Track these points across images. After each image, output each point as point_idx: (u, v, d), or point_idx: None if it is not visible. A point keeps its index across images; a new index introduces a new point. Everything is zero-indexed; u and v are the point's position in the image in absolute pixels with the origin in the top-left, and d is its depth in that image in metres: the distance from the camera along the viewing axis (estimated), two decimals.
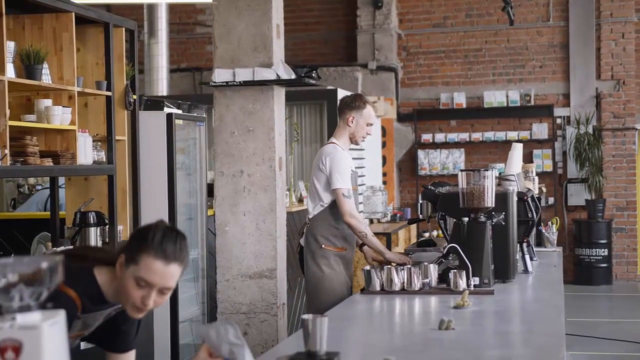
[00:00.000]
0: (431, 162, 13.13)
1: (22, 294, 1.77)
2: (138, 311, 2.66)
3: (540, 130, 12.82)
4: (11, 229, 6.61)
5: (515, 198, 4.76)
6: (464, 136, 13.00)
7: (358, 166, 10.43)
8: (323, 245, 5.29)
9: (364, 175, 10.67)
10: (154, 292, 2.61)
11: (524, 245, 5.14)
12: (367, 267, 4.42)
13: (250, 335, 5.79)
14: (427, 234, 12.37)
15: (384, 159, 12.59)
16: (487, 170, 4.49)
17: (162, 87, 10.83)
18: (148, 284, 2.60)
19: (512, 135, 12.76)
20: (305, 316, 2.76)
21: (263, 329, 5.83)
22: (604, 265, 12.46)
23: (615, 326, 9.67)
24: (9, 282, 1.77)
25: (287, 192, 8.35)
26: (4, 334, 1.74)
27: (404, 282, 4.31)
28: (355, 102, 5.41)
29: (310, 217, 5.41)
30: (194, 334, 6.95)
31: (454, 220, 4.62)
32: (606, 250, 12.44)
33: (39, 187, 8.76)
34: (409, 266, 4.44)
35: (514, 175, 5.27)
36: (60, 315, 1.81)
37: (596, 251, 12.42)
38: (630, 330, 9.31)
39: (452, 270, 4.30)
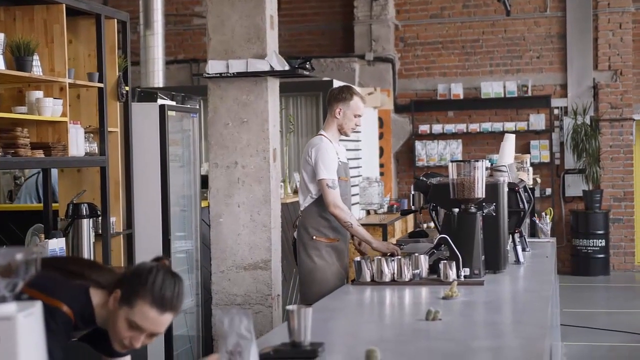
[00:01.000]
0: (428, 153, 13.12)
1: None
2: (123, 347, 2.68)
3: (538, 121, 12.81)
4: (7, 220, 6.61)
5: (506, 189, 4.76)
6: (462, 127, 12.99)
7: (355, 157, 10.46)
8: (314, 237, 5.31)
9: (360, 167, 10.68)
10: (143, 336, 2.64)
11: (516, 236, 5.14)
12: (358, 258, 4.43)
13: None
14: (424, 225, 12.38)
15: (382, 150, 12.59)
16: (478, 161, 4.49)
17: (157, 78, 10.82)
18: (140, 328, 2.62)
19: (510, 126, 12.75)
20: (289, 307, 2.77)
21: (258, 320, 5.83)
22: (601, 256, 12.46)
23: (612, 317, 9.68)
24: None
25: (282, 184, 8.36)
26: None
27: (394, 273, 4.32)
28: (342, 93, 5.41)
29: (301, 209, 5.43)
30: (187, 326, 6.95)
31: (445, 211, 4.62)
32: (603, 241, 12.44)
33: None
34: (399, 257, 4.44)
35: (505, 166, 5.26)
36: (36, 307, 1.82)
37: (593, 242, 12.43)
38: (627, 321, 9.32)
39: (442, 261, 4.31)
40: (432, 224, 11.38)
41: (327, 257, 5.28)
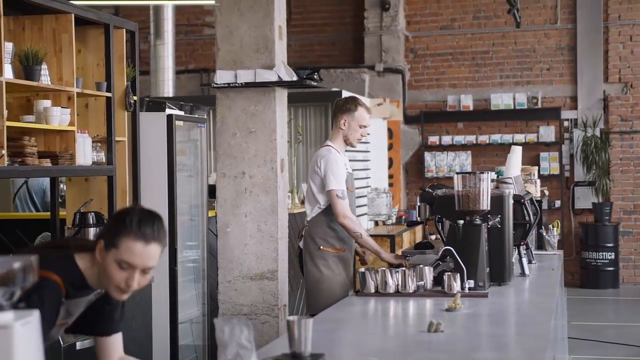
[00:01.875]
0: (438, 164, 13.12)
1: None
2: (122, 293, 2.74)
3: (548, 133, 12.78)
4: (14, 228, 6.64)
5: (511, 201, 4.75)
6: (471, 138, 12.98)
7: (363, 168, 10.46)
8: (321, 247, 5.33)
9: (369, 178, 10.68)
10: (136, 273, 2.70)
11: (522, 248, 5.13)
12: (362, 269, 4.43)
13: None
14: (433, 237, 12.36)
15: (391, 161, 12.59)
16: (483, 173, 4.49)
17: (167, 88, 10.86)
18: (130, 265, 2.69)
19: (519, 137, 12.73)
20: (290, 318, 2.78)
21: (264, 330, 5.83)
22: (611, 268, 12.41)
23: (621, 330, 9.64)
24: None
25: (290, 194, 8.37)
26: None
27: (398, 285, 4.32)
28: (347, 104, 5.45)
29: (308, 219, 5.46)
30: (193, 335, 6.96)
31: (450, 222, 4.62)
32: (613, 253, 12.40)
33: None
34: (404, 268, 4.44)
35: (511, 178, 5.26)
36: (33, 315, 1.82)
37: (603, 254, 12.38)
38: (637, 334, 9.28)
39: (447, 273, 4.30)
40: (434, 236, 11.39)
41: (334, 267, 5.30)
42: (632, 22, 12.69)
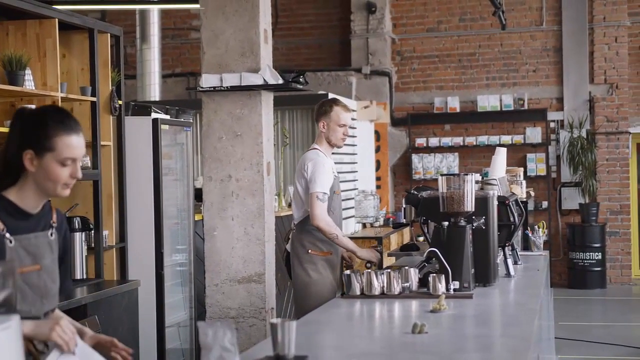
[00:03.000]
0: (425, 166, 13.14)
1: None
2: (67, 187, 2.78)
3: (534, 134, 12.83)
4: None
5: (495, 202, 4.77)
6: (458, 140, 13.01)
7: (351, 170, 10.47)
8: (309, 251, 5.35)
9: (356, 180, 10.69)
10: (77, 164, 2.77)
11: (507, 249, 5.15)
12: (347, 272, 4.44)
13: (239, 340, 5.79)
14: (421, 238, 12.38)
15: (378, 163, 12.61)
16: (467, 174, 4.50)
17: (154, 92, 10.85)
18: (72, 160, 2.75)
19: (506, 139, 12.77)
20: (273, 320, 2.79)
21: (252, 333, 5.83)
22: (598, 269, 12.46)
23: (609, 330, 9.68)
24: None
25: (277, 197, 8.38)
26: None
27: (383, 286, 4.33)
28: (323, 107, 5.53)
29: (296, 222, 5.48)
30: (181, 339, 6.95)
31: (435, 224, 4.63)
32: (600, 254, 12.45)
33: None
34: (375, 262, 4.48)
35: (495, 179, 5.28)
36: (13, 320, 1.83)
37: (590, 255, 12.43)
38: (624, 334, 9.32)
39: (432, 275, 4.31)
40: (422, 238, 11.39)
41: (322, 270, 5.31)
42: (617, 23, 12.75)
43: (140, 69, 11.04)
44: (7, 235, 2.71)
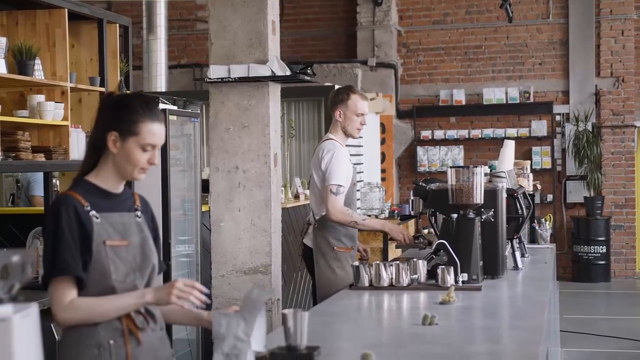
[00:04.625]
0: (430, 158, 13.14)
1: None
2: (143, 172, 2.90)
3: (540, 127, 12.82)
4: (7, 223, 6.63)
5: (504, 195, 4.77)
6: (463, 133, 13.01)
7: (356, 162, 10.47)
8: (335, 247, 5.25)
9: (362, 172, 10.69)
10: (156, 151, 2.89)
11: (514, 241, 5.15)
12: (356, 263, 4.45)
13: None
14: (425, 231, 12.38)
15: (383, 155, 12.61)
16: (476, 167, 4.50)
17: (160, 83, 10.84)
18: (153, 146, 2.86)
19: (511, 132, 12.77)
20: (285, 311, 2.79)
21: None
22: (602, 262, 12.47)
23: (613, 323, 9.68)
24: None
25: (283, 189, 8.38)
26: None
27: (392, 278, 4.33)
28: (339, 95, 5.36)
29: (317, 217, 5.33)
30: (187, 329, 6.97)
31: (443, 216, 4.64)
32: (604, 247, 12.45)
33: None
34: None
35: (504, 172, 5.27)
36: (32, 308, 1.84)
37: (594, 248, 12.43)
38: (628, 328, 9.33)
39: (440, 267, 4.32)
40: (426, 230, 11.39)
41: (347, 267, 5.20)
42: (624, 16, 12.72)
43: (146, 59, 11.02)
44: (93, 212, 2.84)
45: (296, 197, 8.34)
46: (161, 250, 3.11)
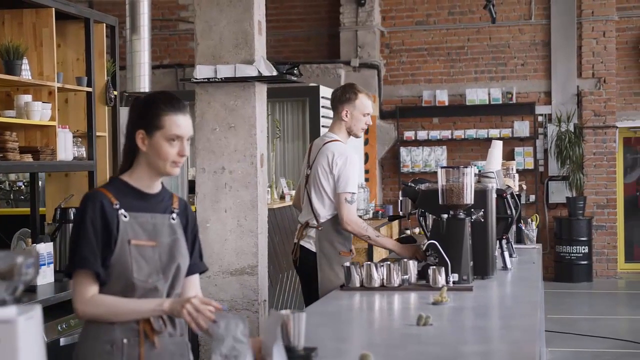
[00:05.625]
0: (413, 159, 13.16)
1: None
2: (176, 166, 2.95)
3: (522, 128, 12.87)
4: None
5: (494, 195, 4.78)
6: (446, 134, 13.04)
7: None
8: (341, 252, 5.13)
9: None
10: (184, 143, 2.93)
11: (503, 242, 5.16)
12: (347, 264, 4.44)
13: None
14: (408, 231, 12.41)
15: (367, 156, 12.62)
16: (467, 167, 4.50)
17: (144, 83, 10.76)
18: (179, 137, 2.92)
19: (494, 132, 12.81)
20: (283, 312, 2.78)
21: None
22: (584, 262, 12.53)
23: (595, 323, 9.74)
24: None
25: (269, 189, 8.36)
26: None
27: (383, 279, 4.33)
28: (346, 94, 5.18)
29: (322, 220, 5.15)
30: None
31: (434, 217, 4.64)
32: (586, 247, 12.52)
33: (20, 184, 8.73)
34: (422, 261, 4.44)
35: (493, 172, 5.28)
36: (36, 310, 1.82)
37: (577, 248, 12.49)
38: (610, 327, 9.39)
39: (431, 267, 4.32)
40: (417, 230, 11.41)
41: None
42: (605, 17, 12.80)
43: (129, 60, 10.96)
44: (122, 211, 2.88)
45: (282, 197, 8.33)
46: (201, 252, 3.13)
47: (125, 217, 2.88)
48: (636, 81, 12.94)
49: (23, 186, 8.98)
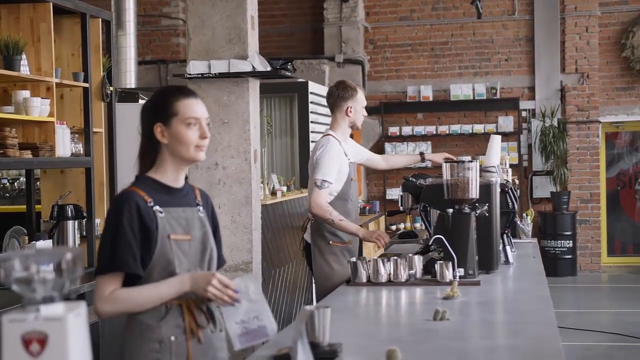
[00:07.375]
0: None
1: (45, 285, 1.75)
2: (200, 149, 2.94)
3: (506, 123, 12.92)
4: None
5: (498, 189, 4.79)
6: (431, 129, 13.06)
7: None
8: (331, 242, 5.26)
9: None
10: (203, 124, 2.93)
11: (505, 236, 5.17)
12: (354, 259, 4.42)
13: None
14: (393, 227, 12.42)
15: None
16: (472, 161, 4.50)
17: (130, 79, 10.71)
18: (197, 119, 2.91)
19: (479, 128, 12.85)
20: (308, 307, 2.76)
21: None
22: (569, 256, 12.60)
23: (580, 316, 9.79)
24: (32, 274, 1.74)
25: (261, 185, 8.33)
26: (29, 326, 1.71)
27: (390, 274, 4.32)
28: (347, 91, 5.39)
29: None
30: None
31: (438, 211, 4.63)
32: (571, 241, 12.58)
33: (5, 181, 8.65)
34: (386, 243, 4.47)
35: (494, 166, 5.29)
36: (82, 307, 1.79)
37: (561, 243, 12.56)
38: (595, 320, 9.45)
39: (439, 262, 4.31)
40: (408, 225, 11.42)
41: (343, 261, 5.19)
42: (588, 13, 12.86)
43: (115, 55, 10.88)
44: (157, 207, 2.88)
45: (273, 193, 8.30)
46: (221, 244, 3.11)
47: (160, 212, 2.87)
48: (618, 76, 13.02)
49: (8, 184, 8.91)
